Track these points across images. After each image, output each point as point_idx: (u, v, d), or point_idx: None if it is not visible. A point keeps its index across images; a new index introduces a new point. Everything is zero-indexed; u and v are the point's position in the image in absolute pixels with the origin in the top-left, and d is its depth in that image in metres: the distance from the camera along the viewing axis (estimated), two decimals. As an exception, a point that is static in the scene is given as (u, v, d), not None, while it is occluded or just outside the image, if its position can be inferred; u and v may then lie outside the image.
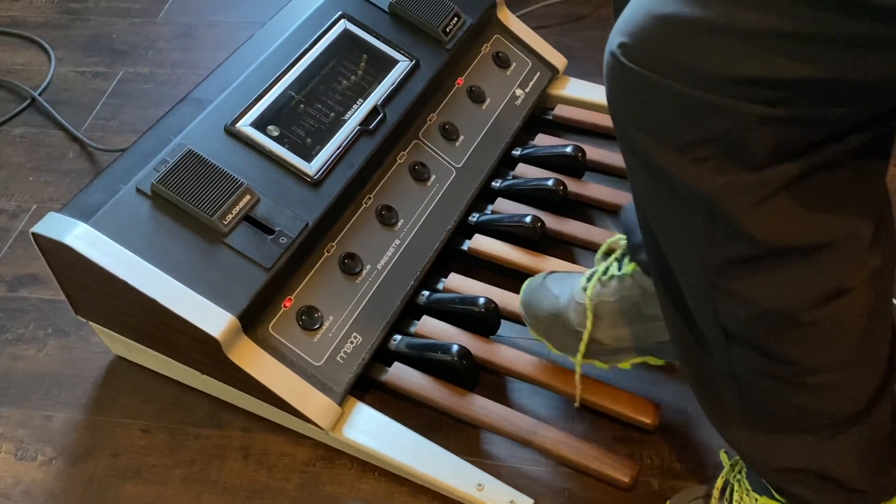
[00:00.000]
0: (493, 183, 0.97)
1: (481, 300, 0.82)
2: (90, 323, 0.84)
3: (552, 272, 0.80)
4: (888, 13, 0.36)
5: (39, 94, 1.20)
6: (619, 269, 0.72)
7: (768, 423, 0.56)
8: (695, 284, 0.51)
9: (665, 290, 0.55)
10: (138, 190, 0.75)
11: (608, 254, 0.76)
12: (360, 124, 0.86)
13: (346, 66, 0.90)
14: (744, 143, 0.42)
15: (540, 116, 1.06)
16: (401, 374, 0.79)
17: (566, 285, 0.76)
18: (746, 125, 0.41)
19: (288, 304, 0.77)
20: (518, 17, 1.13)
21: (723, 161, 0.43)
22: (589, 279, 0.74)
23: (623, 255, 0.73)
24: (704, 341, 0.55)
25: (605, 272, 0.73)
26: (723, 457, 0.69)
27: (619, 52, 0.43)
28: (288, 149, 0.82)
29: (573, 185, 0.94)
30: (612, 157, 0.98)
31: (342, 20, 0.93)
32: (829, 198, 0.45)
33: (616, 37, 0.43)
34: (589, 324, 0.72)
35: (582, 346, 0.73)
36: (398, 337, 0.82)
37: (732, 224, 0.45)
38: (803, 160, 0.43)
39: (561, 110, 1.05)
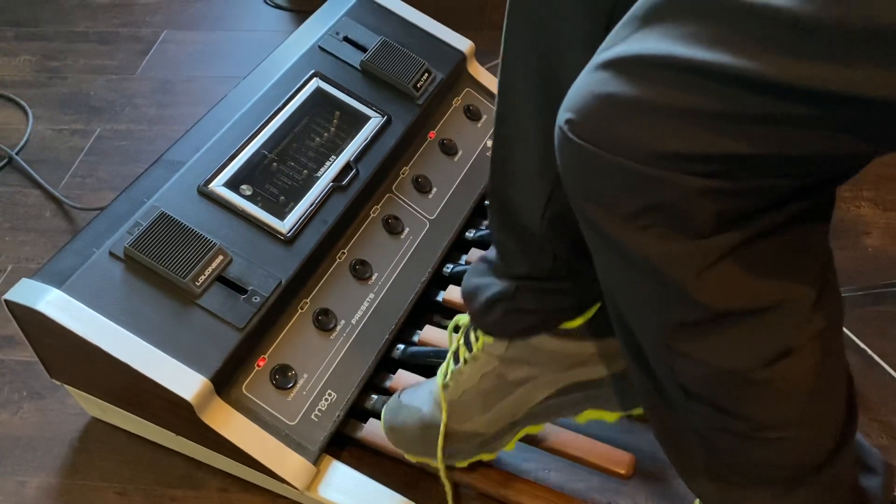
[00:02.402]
0: (466, 233, 0.98)
1: (455, 353, 0.82)
2: (65, 385, 0.84)
3: (403, 389, 0.77)
4: (816, 96, 0.37)
5: (17, 153, 1.21)
6: (470, 349, 0.70)
7: (732, 475, 0.57)
8: (652, 344, 0.53)
9: (627, 346, 0.56)
10: (111, 254, 0.75)
11: (456, 329, 0.74)
12: (332, 180, 0.88)
13: (319, 123, 0.92)
14: (685, 213, 0.43)
15: (512, 166, 1.08)
16: (376, 431, 0.79)
17: (423, 392, 0.74)
18: (686, 196, 0.43)
19: (262, 363, 0.77)
20: (488, 68, 1.15)
21: (666, 230, 0.44)
22: (445, 376, 0.72)
23: (467, 331, 0.71)
24: (667, 396, 0.56)
25: (456, 361, 0.71)
26: (697, 506, 0.70)
27: (566, 128, 0.44)
28: (261, 207, 0.83)
29: (545, 235, 0.96)
30: (583, 205, 1.00)
31: (315, 79, 0.95)
32: (772, 262, 0.47)
33: (563, 113, 0.45)
34: (444, 415, 0.69)
35: (440, 441, 0.70)
36: (374, 396, 0.82)
37: (680, 290, 0.46)
38: (745, 228, 0.45)
39: (532, 160, 1.07)
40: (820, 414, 0.53)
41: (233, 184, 0.84)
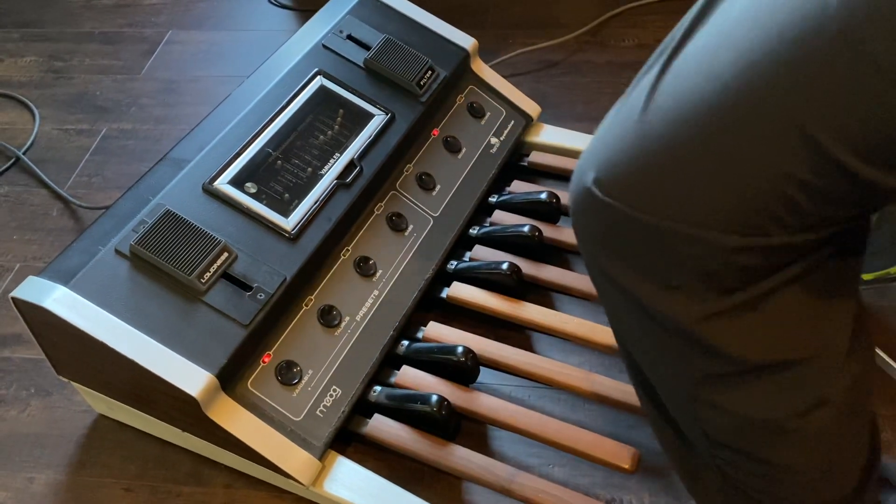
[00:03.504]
0: (470, 230, 0.98)
1: (459, 349, 0.83)
2: (72, 382, 0.85)
3: None
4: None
5: (23, 153, 1.22)
6: None
7: None
8: (674, 396, 0.51)
9: (644, 392, 0.56)
10: (117, 251, 0.76)
11: None
12: (336, 178, 0.88)
13: (323, 121, 0.92)
14: (717, 271, 0.42)
15: (515, 163, 1.08)
16: (381, 427, 0.79)
17: None
18: (720, 254, 0.41)
19: (267, 359, 0.77)
20: (492, 65, 1.15)
21: (697, 287, 0.43)
22: None
23: None
24: (687, 440, 0.55)
25: None
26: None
27: (594, 187, 0.43)
28: (265, 205, 0.83)
29: (549, 231, 0.96)
30: (587, 201, 1.00)
31: (318, 77, 0.95)
32: (804, 311, 0.45)
33: (589, 172, 0.44)
34: None
35: None
36: (378, 388, 0.82)
37: (709, 344, 0.45)
38: (776, 277, 0.43)
39: (536, 157, 1.07)
40: (848, 455, 0.52)
41: (237, 181, 0.84)
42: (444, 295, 0.92)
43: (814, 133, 0.37)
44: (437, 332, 0.88)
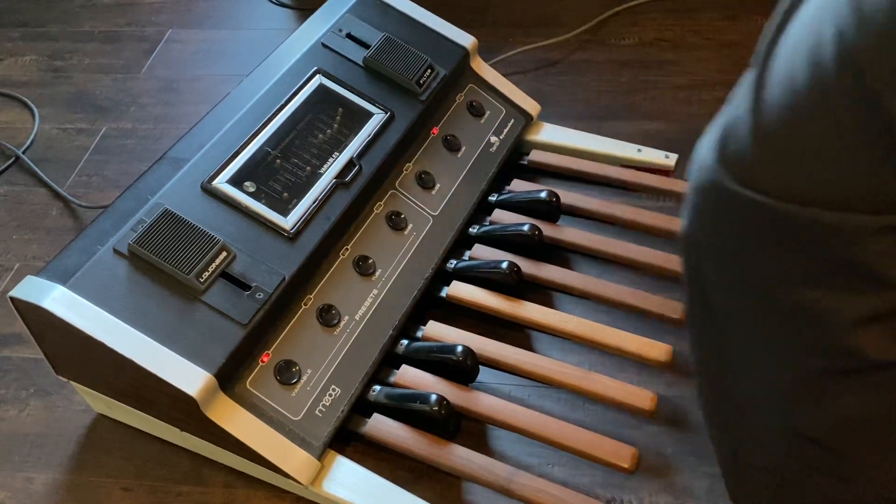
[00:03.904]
0: (470, 229, 0.98)
1: (459, 348, 0.82)
2: (71, 382, 0.85)
3: None
4: None
5: (23, 152, 1.22)
6: None
7: None
8: (767, 387, 0.50)
9: (711, 378, 0.55)
10: (115, 251, 0.76)
11: None
12: (336, 177, 0.88)
13: (322, 120, 0.92)
14: (859, 262, 0.40)
15: (515, 162, 1.08)
16: (380, 426, 0.79)
17: None
18: (864, 240, 0.40)
19: (265, 359, 0.77)
20: (492, 64, 1.15)
21: (837, 280, 0.42)
22: None
23: None
24: (758, 439, 0.54)
25: None
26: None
27: (724, 179, 0.42)
28: (264, 204, 0.83)
29: (548, 230, 0.96)
30: (586, 200, 1.00)
31: (317, 75, 0.95)
32: None
33: (715, 168, 0.43)
34: None
35: None
36: (377, 387, 0.82)
37: (840, 340, 0.44)
38: None
39: (536, 155, 1.07)
40: None
41: (236, 181, 0.84)
42: (443, 294, 0.92)
43: None
44: (436, 331, 0.88)
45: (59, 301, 0.72)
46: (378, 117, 0.94)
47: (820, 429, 0.50)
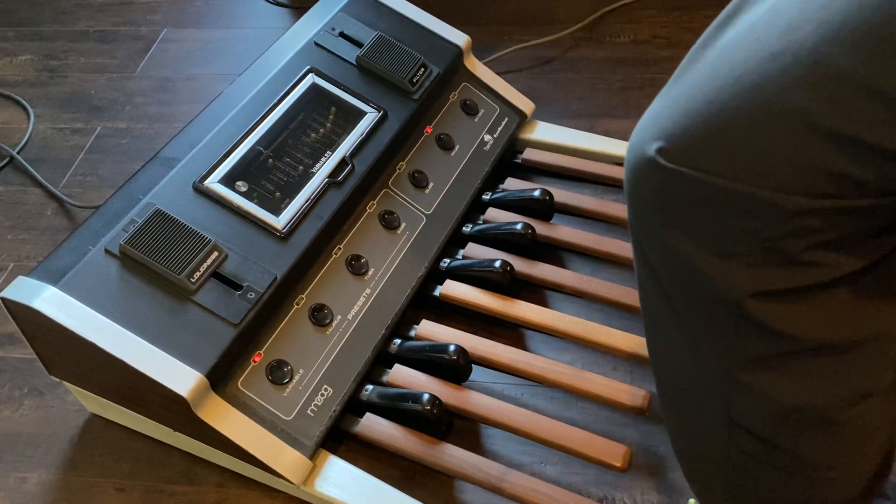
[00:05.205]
0: (463, 228, 0.98)
1: (451, 348, 0.82)
2: (64, 382, 0.85)
3: None
4: None
5: (18, 152, 1.22)
6: None
7: None
8: (705, 380, 0.50)
9: (665, 377, 0.55)
10: (107, 251, 0.76)
11: None
12: (328, 176, 0.88)
13: (315, 119, 0.92)
14: (781, 239, 0.41)
15: (509, 160, 1.08)
16: (372, 426, 0.79)
17: None
18: (788, 219, 0.40)
19: (257, 358, 0.77)
20: (486, 62, 1.15)
21: (757, 257, 0.42)
22: None
23: None
24: (701, 427, 0.54)
25: None
26: None
27: (658, 156, 0.43)
28: (256, 203, 0.83)
29: (542, 228, 0.96)
30: (580, 199, 1.00)
31: (310, 74, 0.95)
32: (874, 288, 0.43)
33: (650, 143, 0.44)
34: None
35: None
36: (370, 387, 0.82)
37: (762, 321, 0.44)
38: (840, 257, 0.42)
39: (529, 154, 1.07)
40: (870, 456, 0.51)
41: (228, 180, 0.84)
42: (436, 293, 0.92)
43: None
44: (429, 330, 0.88)
45: (50, 301, 0.72)
46: (371, 116, 0.94)
47: (753, 419, 0.50)
